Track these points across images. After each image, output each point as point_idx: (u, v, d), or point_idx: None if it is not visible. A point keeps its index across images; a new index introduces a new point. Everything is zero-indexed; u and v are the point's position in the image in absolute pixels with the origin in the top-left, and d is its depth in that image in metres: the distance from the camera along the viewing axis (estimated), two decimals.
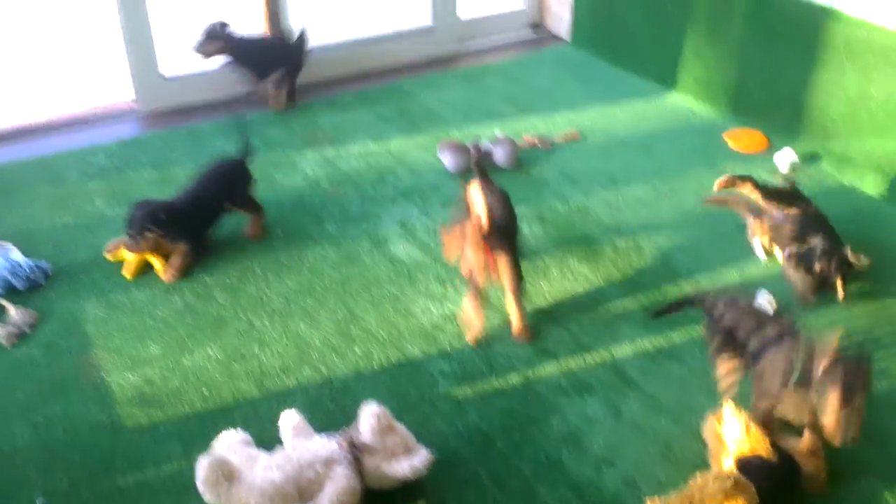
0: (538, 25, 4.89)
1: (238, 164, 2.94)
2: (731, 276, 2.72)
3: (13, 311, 2.47)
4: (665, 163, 3.42)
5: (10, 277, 2.57)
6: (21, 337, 2.41)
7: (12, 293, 2.57)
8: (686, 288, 2.67)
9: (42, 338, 2.43)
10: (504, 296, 2.47)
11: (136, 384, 2.27)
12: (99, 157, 3.44)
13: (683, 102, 3.93)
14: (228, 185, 2.88)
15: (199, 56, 3.67)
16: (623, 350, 2.42)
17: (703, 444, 2.05)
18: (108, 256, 2.75)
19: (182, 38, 3.81)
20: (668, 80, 4.06)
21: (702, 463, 2.01)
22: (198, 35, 3.64)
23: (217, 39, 3.65)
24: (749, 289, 2.60)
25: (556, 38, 4.79)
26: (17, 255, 2.66)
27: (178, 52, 3.86)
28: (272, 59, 3.82)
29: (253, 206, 2.95)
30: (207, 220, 2.85)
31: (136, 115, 3.81)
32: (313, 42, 3.94)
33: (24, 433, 2.11)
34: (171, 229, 2.67)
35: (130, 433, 2.12)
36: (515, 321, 2.47)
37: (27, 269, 2.61)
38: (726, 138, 3.56)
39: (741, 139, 3.55)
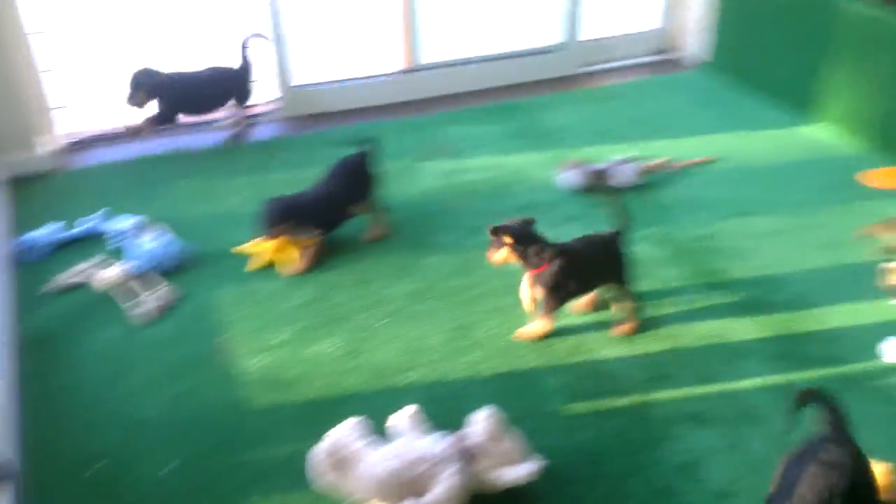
0: (670, 48, 4.82)
1: (364, 163, 3.04)
2: (863, 316, 2.57)
3: (160, 288, 2.65)
4: (798, 195, 3.28)
5: (161, 257, 2.76)
6: (162, 313, 2.58)
7: (158, 273, 2.76)
8: (814, 326, 2.54)
9: (180, 316, 2.59)
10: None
11: (260, 368, 2.37)
12: (245, 154, 3.65)
13: (822, 135, 3.76)
14: (354, 182, 2.98)
15: (133, 107, 3.53)
16: (746, 384, 2.32)
17: None
18: (236, 251, 2.90)
19: (317, 50, 3.98)
20: (806, 110, 3.90)
21: None
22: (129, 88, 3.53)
23: (142, 87, 3.50)
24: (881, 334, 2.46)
25: (688, 61, 4.71)
26: (167, 237, 2.85)
27: (320, 62, 4.04)
28: (213, 93, 3.70)
29: (376, 206, 3.03)
30: (334, 215, 2.96)
31: (280, 118, 4.02)
32: (446, 56, 4.02)
33: (158, 405, 2.24)
34: (302, 220, 2.80)
35: (253, 414, 2.21)
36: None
37: (175, 251, 2.80)
38: (866, 177, 3.38)
39: (883, 177, 3.36)
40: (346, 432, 2.02)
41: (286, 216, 2.78)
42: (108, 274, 2.66)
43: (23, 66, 3.39)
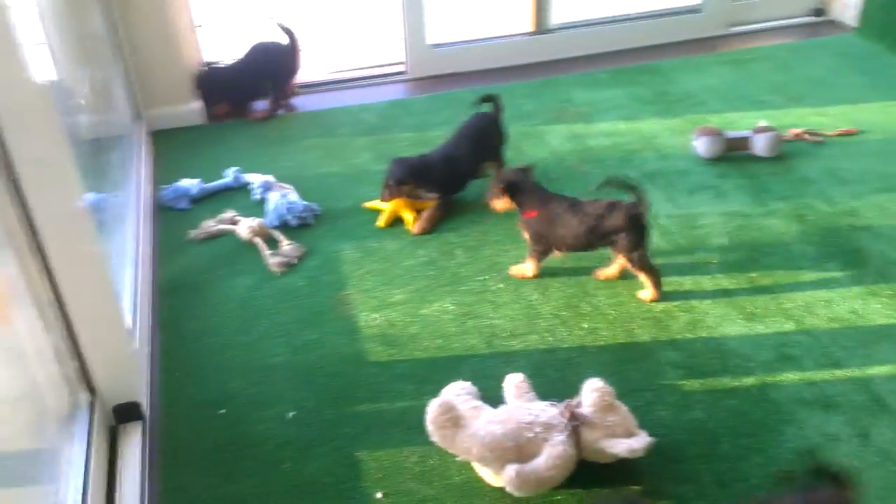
0: (820, 10, 4.47)
1: (492, 122, 3.04)
2: None
3: (285, 243, 2.80)
4: None
5: (286, 214, 2.90)
6: (290, 267, 2.73)
7: (286, 229, 2.91)
8: None
9: (306, 271, 2.72)
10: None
11: (380, 324, 2.47)
12: (369, 114, 3.74)
13: None
14: (482, 142, 3.00)
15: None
16: (880, 370, 2.18)
17: None
18: (367, 205, 3.00)
19: (451, 9, 3.98)
20: None
21: None
22: None
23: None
24: None
25: (839, 24, 4.36)
26: (293, 195, 2.99)
27: (446, 23, 4.05)
28: (256, 77, 3.68)
29: (502, 167, 3.04)
30: (460, 174, 2.99)
31: (405, 78, 4.08)
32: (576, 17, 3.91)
33: (284, 352, 2.38)
34: (424, 182, 2.86)
35: (371, 367, 2.31)
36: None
37: (300, 209, 2.93)
38: None
39: None
40: (458, 391, 2.08)
41: (409, 177, 2.85)
42: (250, 224, 2.82)
43: (181, 22, 3.56)
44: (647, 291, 2.52)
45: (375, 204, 2.99)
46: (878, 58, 3.94)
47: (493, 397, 2.09)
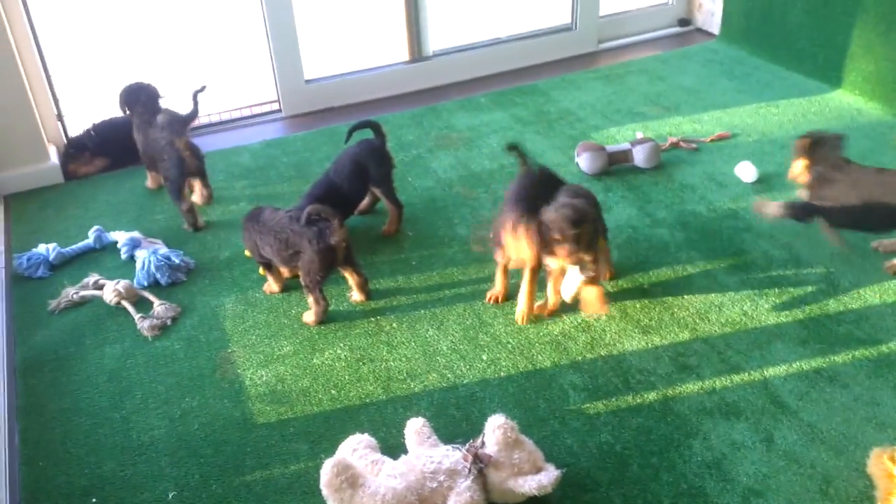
0: (685, 20, 4.64)
1: (376, 148, 2.93)
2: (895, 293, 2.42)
3: (157, 304, 2.59)
4: None
5: (155, 272, 2.69)
6: (163, 329, 2.52)
7: (158, 288, 2.70)
8: (843, 306, 2.40)
9: (182, 332, 2.52)
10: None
11: (268, 381, 2.30)
12: (244, 157, 3.56)
13: (849, 101, 3.57)
14: (366, 169, 2.88)
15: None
16: (777, 371, 2.19)
17: (869, 482, 1.81)
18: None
19: (325, 44, 3.88)
20: (831, 76, 3.71)
21: (865, 502, 1.77)
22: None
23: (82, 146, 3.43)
24: None
25: (704, 33, 4.52)
26: (163, 250, 2.79)
27: (320, 57, 3.94)
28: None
29: (392, 194, 2.93)
30: (344, 203, 2.86)
31: (281, 116, 3.93)
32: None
33: (161, 425, 2.18)
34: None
35: (261, 429, 2.14)
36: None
37: (175, 261, 2.73)
38: None
39: None
40: (355, 446, 1.95)
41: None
42: (116, 287, 2.60)
43: (33, 76, 3.32)
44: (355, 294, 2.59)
45: None
46: (742, 62, 4.10)
47: (394, 446, 1.97)
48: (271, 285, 2.66)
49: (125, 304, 2.58)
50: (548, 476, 1.82)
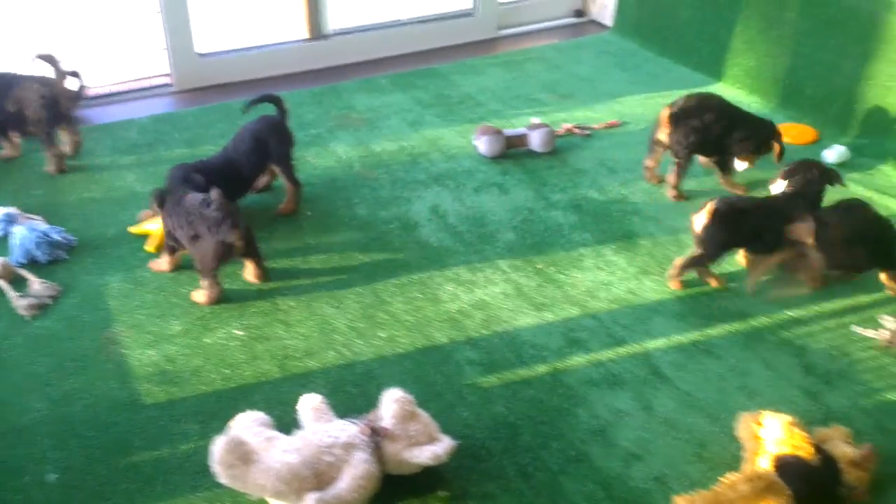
0: (580, 11, 4.78)
1: (275, 124, 2.87)
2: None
3: (36, 282, 2.45)
4: None
5: (33, 249, 2.55)
6: (42, 309, 2.39)
7: (36, 266, 2.56)
8: (726, 282, 2.56)
9: (63, 312, 2.40)
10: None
11: (156, 361, 2.23)
12: (131, 132, 3.42)
13: (731, 94, 3.77)
14: (265, 145, 2.81)
15: None
16: (657, 344, 2.32)
17: (739, 445, 1.95)
18: (133, 230, 2.72)
19: (220, 17, 3.77)
20: (715, 70, 3.92)
21: (736, 463, 1.91)
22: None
23: None
24: None
25: (598, 24, 4.67)
26: (43, 226, 2.64)
27: (215, 31, 3.82)
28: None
29: (291, 173, 2.88)
30: (243, 179, 2.79)
31: (171, 91, 3.79)
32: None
33: (42, 407, 2.08)
34: (207, 189, 2.64)
35: (149, 410, 2.08)
36: None
37: (56, 238, 2.59)
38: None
39: (791, 132, 3.40)
40: (248, 424, 1.92)
41: (191, 184, 2.60)
42: None
43: None
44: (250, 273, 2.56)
45: (144, 227, 2.71)
46: (634, 54, 4.27)
47: (289, 423, 1.96)
48: (161, 264, 2.57)
49: (0, 282, 2.43)
50: (443, 446, 1.85)
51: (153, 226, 2.67)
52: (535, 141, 3.29)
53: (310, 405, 1.98)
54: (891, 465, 1.89)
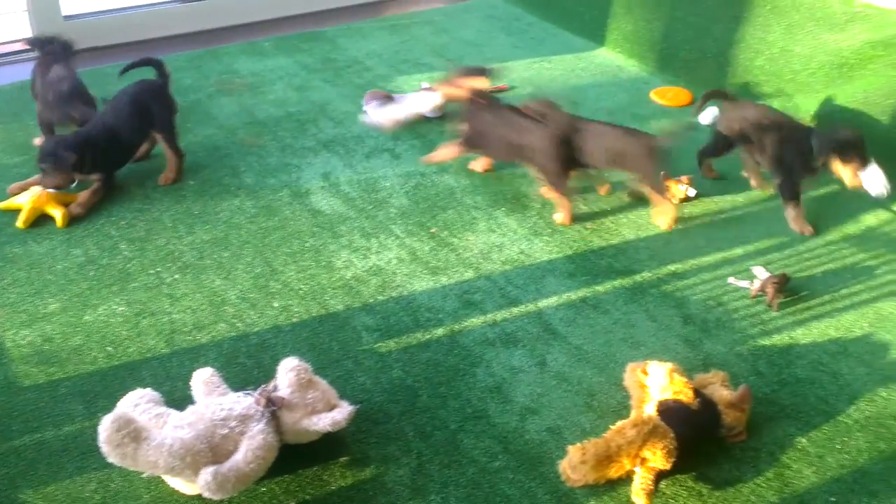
0: None
1: (156, 88, 2.73)
2: (648, 227, 2.72)
3: None
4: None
5: None
6: None
7: None
8: (604, 241, 2.66)
9: None
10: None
11: (33, 341, 2.10)
12: None
13: (612, 58, 3.90)
14: (146, 111, 2.67)
15: None
16: (549, 302, 2.39)
17: (626, 393, 2.05)
18: (1, 206, 2.54)
19: None
20: (597, 36, 4.02)
21: (624, 411, 2.00)
22: None
23: None
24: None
25: None
26: None
27: None
28: None
29: (174, 141, 2.75)
30: (125, 148, 2.65)
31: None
32: None
33: None
34: (85, 160, 2.49)
35: (28, 392, 1.96)
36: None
37: None
38: (653, 95, 3.55)
39: (667, 94, 3.55)
40: (136, 401, 1.84)
41: (69, 154, 2.45)
42: None
43: None
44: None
45: (10, 203, 2.53)
46: (519, 18, 4.32)
47: (181, 399, 1.90)
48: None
49: None
50: (342, 412, 1.85)
51: (23, 199, 2.49)
52: (424, 106, 3.28)
53: (201, 379, 1.93)
54: (766, 406, 2.04)
